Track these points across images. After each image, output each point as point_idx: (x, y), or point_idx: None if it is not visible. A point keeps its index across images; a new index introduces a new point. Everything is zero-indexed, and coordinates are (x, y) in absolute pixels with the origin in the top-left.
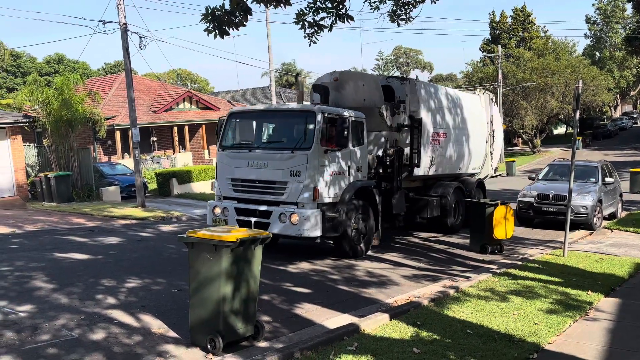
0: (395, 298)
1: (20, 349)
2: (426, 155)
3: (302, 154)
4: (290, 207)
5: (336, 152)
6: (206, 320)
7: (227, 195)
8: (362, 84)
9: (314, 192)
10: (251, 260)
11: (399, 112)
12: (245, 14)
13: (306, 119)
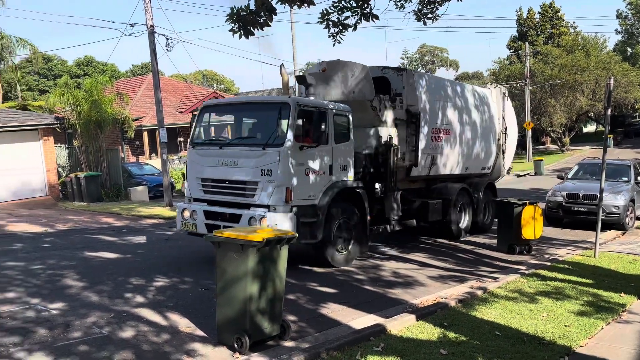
0: (421, 299)
1: (53, 346)
2: (426, 153)
3: (273, 150)
4: (261, 210)
5: (314, 149)
6: (233, 320)
7: (197, 196)
8: (352, 74)
9: (287, 193)
10: (277, 259)
11: (395, 105)
12: (270, 13)
13: (280, 111)
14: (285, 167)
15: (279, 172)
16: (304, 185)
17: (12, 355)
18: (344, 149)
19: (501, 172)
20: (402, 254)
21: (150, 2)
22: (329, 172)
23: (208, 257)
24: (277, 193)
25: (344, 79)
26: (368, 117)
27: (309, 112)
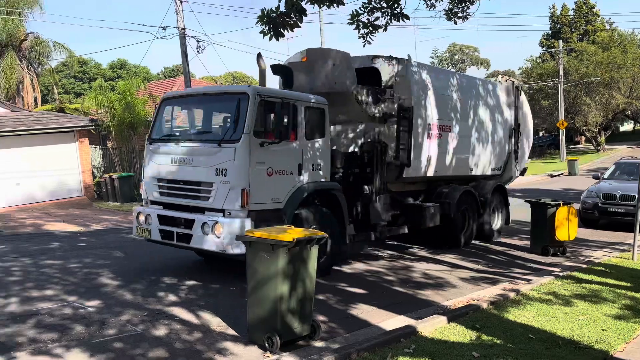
0: (453, 300)
1: (89, 343)
2: (421, 152)
3: (229, 147)
4: (216, 215)
5: (279, 146)
6: (264, 319)
7: (154, 199)
8: (333, 63)
9: (243, 196)
10: (307, 259)
11: (385, 99)
12: (300, 15)
13: (238, 102)
14: (242, 166)
15: (234, 172)
16: (265, 187)
17: (51, 351)
18: (318, 146)
19: (513, 173)
20: (433, 255)
21: (182, 5)
22: (298, 172)
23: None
24: (232, 196)
25: (325, 69)
26: (353, 112)
27: (272, 104)
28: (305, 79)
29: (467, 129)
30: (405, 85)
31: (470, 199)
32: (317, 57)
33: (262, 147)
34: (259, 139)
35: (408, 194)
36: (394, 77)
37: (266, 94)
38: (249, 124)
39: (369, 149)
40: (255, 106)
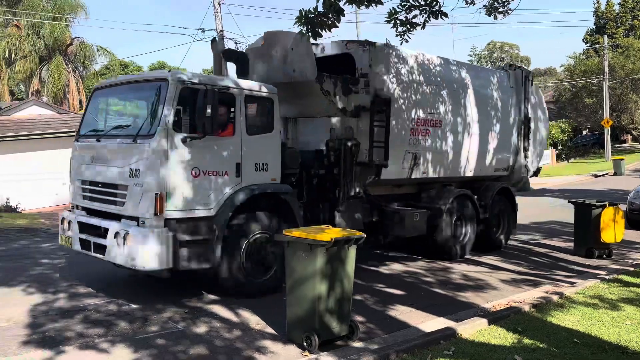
0: (493, 303)
1: (133, 339)
2: (402, 150)
3: (143, 143)
4: (131, 223)
5: (209, 142)
6: (302, 318)
7: (78, 203)
8: (291, 47)
9: (157, 202)
10: (345, 260)
11: (358, 89)
12: (338, 15)
13: (158, 91)
14: (156, 166)
15: (147, 173)
16: (190, 190)
17: (97, 346)
18: (264, 142)
19: (524, 173)
20: (472, 256)
21: (220, 8)
22: (236, 173)
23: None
24: (145, 201)
25: (284, 55)
26: (319, 104)
27: (199, 92)
28: (263, 67)
29: (462, 124)
30: (382, 74)
31: (467, 204)
32: (275, 42)
33: (186, 144)
34: (180, 134)
35: (394, 198)
36: (369, 64)
37: (192, 81)
38: (167, 116)
39: (336, 147)
40: (176, 95)
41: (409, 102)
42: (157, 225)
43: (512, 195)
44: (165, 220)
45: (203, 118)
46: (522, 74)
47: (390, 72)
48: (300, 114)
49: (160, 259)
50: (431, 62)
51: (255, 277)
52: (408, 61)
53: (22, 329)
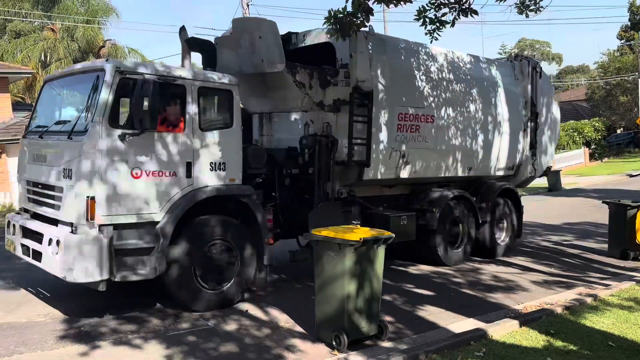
0: (524, 304)
1: (165, 335)
2: (388, 148)
3: (76, 141)
4: (66, 229)
5: (152, 139)
6: (331, 318)
7: (23, 205)
8: (259, 35)
9: (88, 205)
10: (374, 260)
11: (337, 81)
12: (367, 14)
13: (96, 81)
14: (89, 166)
15: (79, 173)
16: (129, 193)
17: (130, 342)
18: (221, 139)
19: (531, 173)
20: (503, 257)
21: (249, 9)
22: (187, 173)
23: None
24: (77, 205)
25: (252, 43)
26: (293, 98)
27: (142, 83)
28: (232, 57)
29: (459, 119)
30: (365, 64)
31: (465, 206)
32: (244, 29)
33: (125, 141)
34: (118, 130)
35: (384, 199)
36: (349, 53)
37: (130, 71)
38: (101, 110)
39: (310, 145)
40: (113, 86)
41: (395, 95)
42: (90, 232)
43: (516, 197)
44: (100, 227)
45: (140, 112)
46: (528, 65)
47: (372, 61)
48: (275, 109)
49: (93, 270)
50: (421, 51)
51: (211, 287)
52: (394, 50)
53: (59, 324)
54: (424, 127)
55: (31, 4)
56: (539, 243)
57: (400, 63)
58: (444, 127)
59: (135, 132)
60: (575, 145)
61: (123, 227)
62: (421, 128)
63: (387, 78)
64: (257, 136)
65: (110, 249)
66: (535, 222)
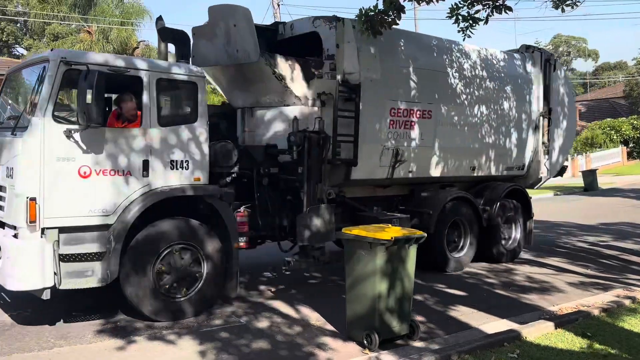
0: (560, 306)
1: (198, 331)
2: (376, 146)
3: (18, 137)
4: (10, 232)
5: (102, 135)
6: (362, 317)
7: None
8: (234, 23)
9: (29, 208)
10: (405, 259)
11: (322, 74)
12: (399, 12)
13: (42, 74)
14: (29, 164)
15: (19, 172)
16: (76, 193)
17: (165, 337)
18: (183, 135)
19: (544, 173)
20: (537, 257)
21: (279, 9)
22: (143, 172)
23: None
24: (18, 206)
25: (227, 33)
26: (274, 91)
27: (91, 75)
28: (207, 47)
29: (460, 115)
30: (351, 55)
31: (466, 209)
32: (219, 18)
33: (71, 137)
34: (63, 125)
35: (378, 200)
36: (336, 44)
37: (79, 61)
38: (43, 104)
39: (299, 142)
40: (57, 78)
41: (387, 88)
42: (31, 236)
43: (526, 199)
44: (43, 230)
45: (84, 105)
46: (541, 58)
47: (359, 52)
48: (257, 103)
49: (33, 277)
50: (417, 41)
51: (174, 295)
52: (386, 40)
53: (96, 318)
54: (421, 124)
55: (69, 7)
56: (575, 243)
57: (392, 54)
58: (443, 123)
59: (80, 127)
60: (612, 143)
61: (70, 230)
62: (417, 124)
63: (377, 71)
64: (240, 132)
65: (54, 254)
66: (571, 222)
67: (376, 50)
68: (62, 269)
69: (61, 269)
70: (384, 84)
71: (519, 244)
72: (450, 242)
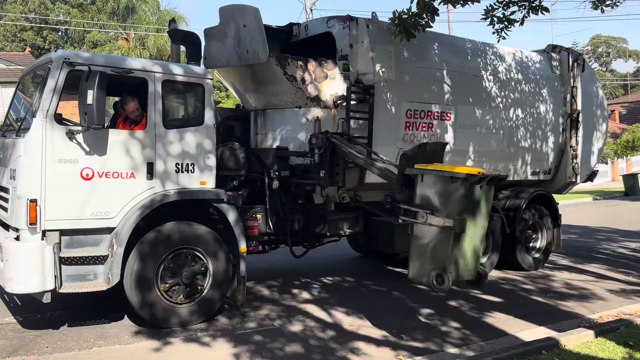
0: (600, 314)
1: (233, 334)
2: (391, 148)
3: (20, 139)
4: (13, 234)
5: (106, 137)
6: (432, 259)
7: None
8: (244, 23)
9: (30, 209)
10: (482, 198)
11: (335, 74)
12: (433, 15)
13: (45, 75)
14: (30, 166)
15: (21, 174)
16: (79, 195)
17: (200, 339)
18: (190, 138)
19: (572, 178)
20: (576, 263)
21: (312, 13)
22: (148, 175)
23: (363, 259)
24: (20, 208)
25: (237, 34)
26: (286, 93)
27: (95, 76)
28: (219, 49)
29: (481, 117)
30: (365, 56)
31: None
32: (230, 19)
33: (73, 138)
34: (64, 126)
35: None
36: (349, 43)
37: (83, 62)
38: (45, 105)
39: (321, 144)
40: (60, 78)
41: (403, 89)
42: (32, 238)
43: (553, 204)
44: (44, 232)
45: (85, 106)
46: (568, 58)
47: (373, 52)
48: (268, 105)
49: (33, 279)
50: (435, 40)
51: (177, 301)
52: (399, 40)
53: (133, 319)
54: (439, 125)
55: (108, 15)
56: (615, 250)
57: (409, 54)
58: (463, 125)
59: (81, 129)
60: None
61: (73, 233)
62: (435, 126)
63: (392, 71)
64: (252, 135)
65: (54, 257)
66: (611, 227)
67: (392, 50)
68: (64, 272)
69: (62, 272)
70: (400, 85)
71: (545, 251)
72: None
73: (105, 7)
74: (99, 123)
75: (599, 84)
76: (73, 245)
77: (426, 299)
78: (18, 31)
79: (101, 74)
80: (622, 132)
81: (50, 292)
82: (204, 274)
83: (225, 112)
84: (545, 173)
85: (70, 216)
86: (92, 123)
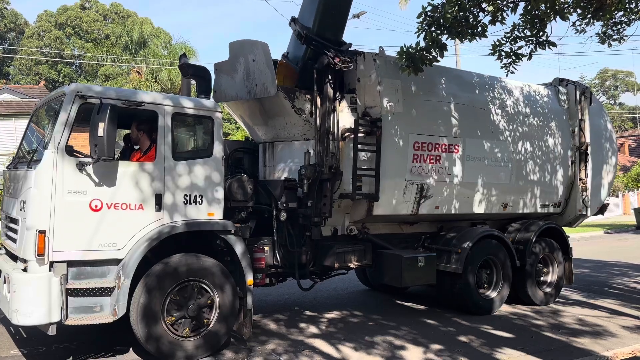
0: (614, 351)
1: None
2: (399, 180)
3: (31, 170)
4: (21, 265)
5: (116, 169)
6: None
7: (2, 240)
8: (253, 58)
9: (38, 240)
10: None
11: (342, 107)
12: (441, 50)
13: (58, 108)
14: (40, 197)
15: (30, 205)
16: (87, 227)
17: None
18: (198, 170)
19: (580, 211)
20: (588, 299)
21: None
22: (156, 207)
23: (374, 292)
24: (28, 239)
25: (247, 68)
26: (293, 125)
27: (95, 108)
28: (228, 83)
29: (490, 150)
30: (372, 89)
31: (497, 247)
32: (239, 53)
33: (83, 170)
34: (75, 158)
35: (404, 237)
36: (357, 77)
37: (95, 95)
38: (56, 137)
39: (310, 175)
40: (72, 111)
41: (410, 122)
42: (40, 269)
43: (563, 237)
44: (52, 264)
45: (95, 138)
46: (575, 91)
47: (380, 85)
48: (277, 137)
49: (39, 311)
50: (442, 75)
51: (183, 334)
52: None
53: (140, 353)
54: (447, 158)
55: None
56: (628, 284)
57: (416, 87)
58: (472, 158)
59: (91, 160)
60: None
61: (80, 264)
62: (443, 159)
63: (399, 104)
64: (261, 167)
65: (61, 289)
66: (624, 262)
67: (399, 84)
68: (70, 303)
69: (69, 303)
70: (407, 118)
71: (557, 285)
72: (481, 282)
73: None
74: (109, 155)
75: (607, 117)
76: (80, 277)
77: (435, 334)
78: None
79: (112, 106)
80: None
81: (56, 324)
82: (210, 307)
83: (234, 145)
84: (555, 206)
85: (79, 247)
86: (103, 155)
